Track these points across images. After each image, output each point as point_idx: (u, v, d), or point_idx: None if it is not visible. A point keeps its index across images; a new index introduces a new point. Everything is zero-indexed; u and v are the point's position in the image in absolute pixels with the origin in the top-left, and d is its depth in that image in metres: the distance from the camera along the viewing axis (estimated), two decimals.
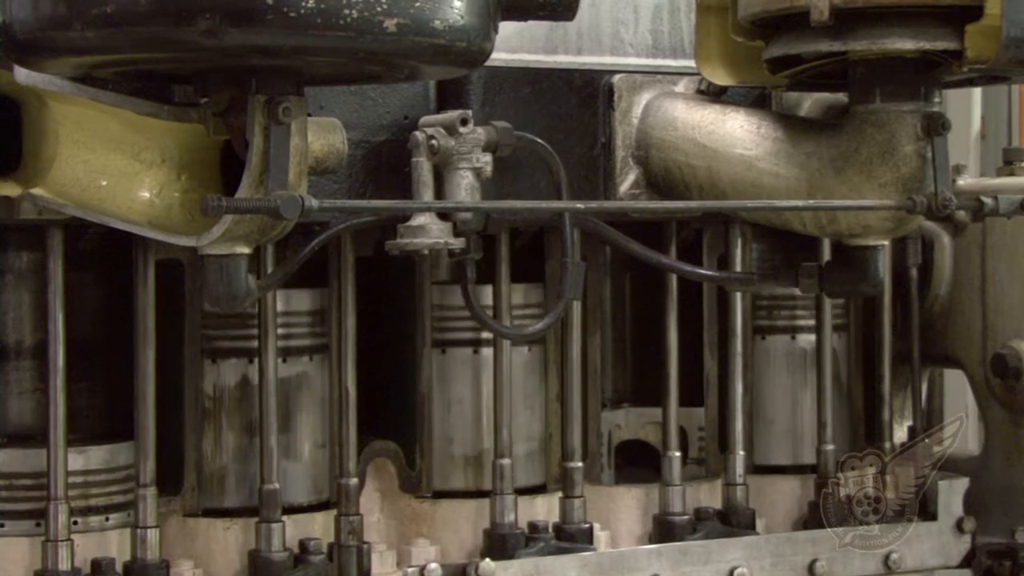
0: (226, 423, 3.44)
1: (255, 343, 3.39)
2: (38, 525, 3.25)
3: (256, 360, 3.40)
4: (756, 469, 3.91)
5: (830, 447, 3.88)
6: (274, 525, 3.34)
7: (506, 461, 3.53)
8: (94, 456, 3.31)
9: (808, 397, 3.93)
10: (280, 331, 3.39)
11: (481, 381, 3.61)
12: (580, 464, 3.63)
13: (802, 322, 3.93)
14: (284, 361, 3.42)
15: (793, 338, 3.95)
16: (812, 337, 3.92)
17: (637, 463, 3.91)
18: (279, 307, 3.37)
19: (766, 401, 3.95)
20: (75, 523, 3.26)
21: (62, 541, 3.21)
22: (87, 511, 3.31)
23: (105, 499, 3.33)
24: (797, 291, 3.73)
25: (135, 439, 3.32)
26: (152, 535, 3.29)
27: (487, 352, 3.58)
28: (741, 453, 3.80)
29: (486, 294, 3.53)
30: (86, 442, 3.32)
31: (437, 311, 3.59)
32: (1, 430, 3.35)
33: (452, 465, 3.61)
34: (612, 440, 3.88)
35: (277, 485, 3.36)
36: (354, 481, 3.45)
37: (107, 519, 3.33)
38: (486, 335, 3.56)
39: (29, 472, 3.27)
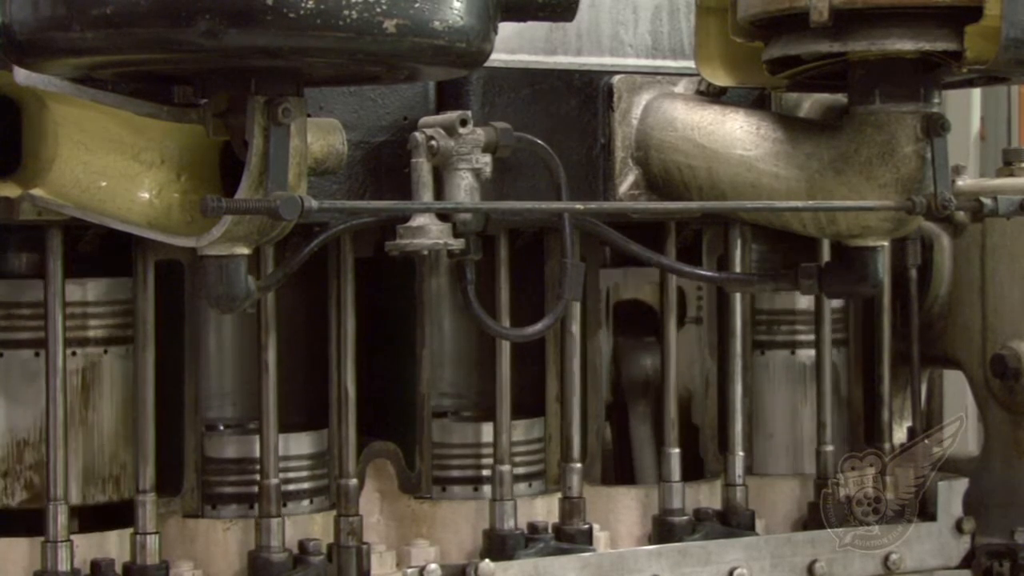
0: None
1: None
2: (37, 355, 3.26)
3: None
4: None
5: (829, 448, 3.89)
6: (274, 526, 3.34)
7: (505, 467, 3.53)
8: (92, 289, 3.31)
9: (808, 411, 3.93)
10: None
11: None
12: (580, 465, 3.63)
13: (802, 337, 3.93)
14: None
15: (793, 353, 3.95)
16: (812, 352, 3.91)
17: (635, 323, 3.89)
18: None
19: (766, 415, 3.95)
20: (73, 353, 3.26)
21: (61, 542, 3.21)
22: (85, 342, 3.30)
23: (104, 332, 3.33)
24: (798, 295, 3.73)
25: (134, 445, 3.32)
26: (152, 541, 3.29)
27: None
28: (740, 454, 3.79)
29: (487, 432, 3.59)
30: (85, 275, 3.32)
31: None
32: None
33: None
34: (611, 298, 3.86)
35: (277, 479, 3.36)
36: (354, 482, 3.45)
37: (105, 352, 3.32)
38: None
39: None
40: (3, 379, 3.29)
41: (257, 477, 3.38)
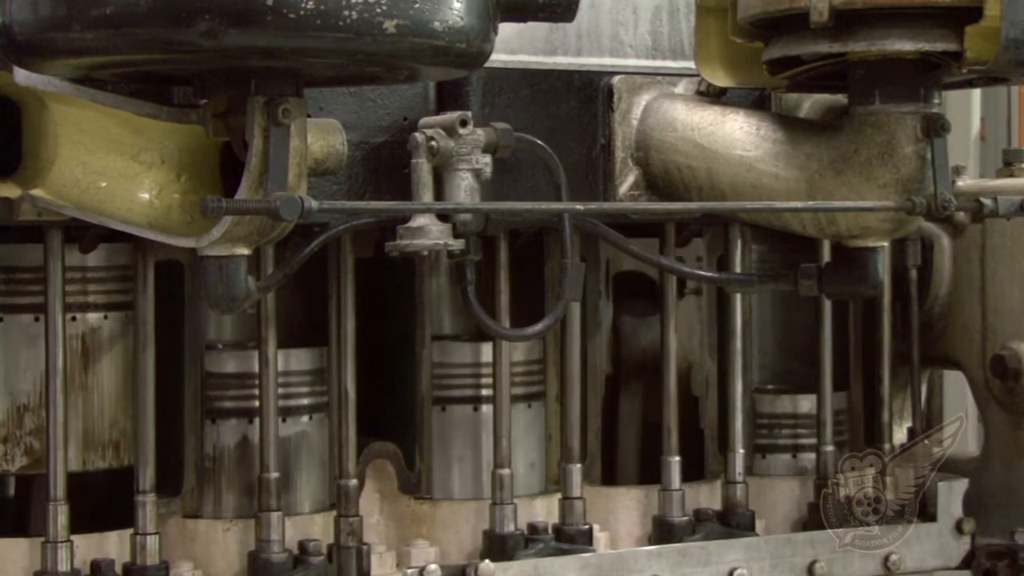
0: None
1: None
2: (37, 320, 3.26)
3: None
4: None
5: (829, 448, 3.89)
6: (274, 526, 3.34)
7: (506, 471, 3.53)
8: (92, 255, 3.31)
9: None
10: None
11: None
12: (579, 465, 3.63)
13: (804, 440, 3.93)
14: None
15: (795, 456, 3.95)
16: (812, 455, 3.91)
17: (634, 295, 3.88)
18: None
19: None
20: (72, 319, 3.27)
21: (61, 543, 3.21)
22: (85, 307, 3.31)
23: (104, 297, 3.33)
24: (800, 399, 3.81)
25: (135, 447, 3.32)
26: (152, 541, 3.29)
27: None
28: (740, 451, 3.79)
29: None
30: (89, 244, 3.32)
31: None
32: None
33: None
34: (610, 270, 3.86)
35: (276, 474, 3.36)
36: (354, 482, 3.45)
37: (105, 317, 3.33)
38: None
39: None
40: (3, 343, 3.29)
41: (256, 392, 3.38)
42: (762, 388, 3.98)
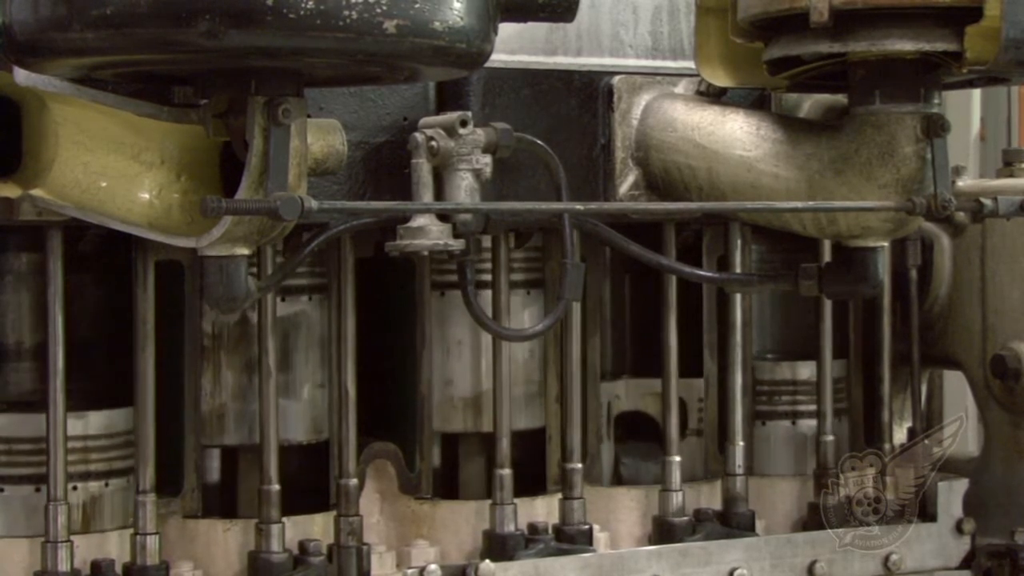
0: None
1: None
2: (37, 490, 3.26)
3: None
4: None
5: (829, 438, 3.89)
6: (274, 526, 3.34)
7: (506, 471, 3.53)
8: (93, 421, 3.31)
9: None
10: None
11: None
12: (579, 465, 3.63)
13: (803, 407, 3.93)
14: (283, 300, 3.44)
15: (794, 423, 3.95)
16: (813, 423, 3.92)
17: (636, 435, 3.89)
18: None
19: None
20: (74, 488, 3.26)
21: (61, 542, 3.21)
22: (87, 476, 3.31)
23: (105, 464, 3.33)
24: (798, 366, 3.80)
25: (135, 447, 3.33)
26: (152, 541, 3.29)
27: None
28: (740, 443, 3.79)
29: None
30: (86, 408, 3.33)
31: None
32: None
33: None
34: (612, 411, 3.87)
35: (277, 486, 3.36)
36: (354, 482, 3.45)
37: (106, 484, 3.33)
38: None
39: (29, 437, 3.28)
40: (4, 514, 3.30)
41: None
42: (762, 356, 3.98)
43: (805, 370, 3.93)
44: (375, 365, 3.59)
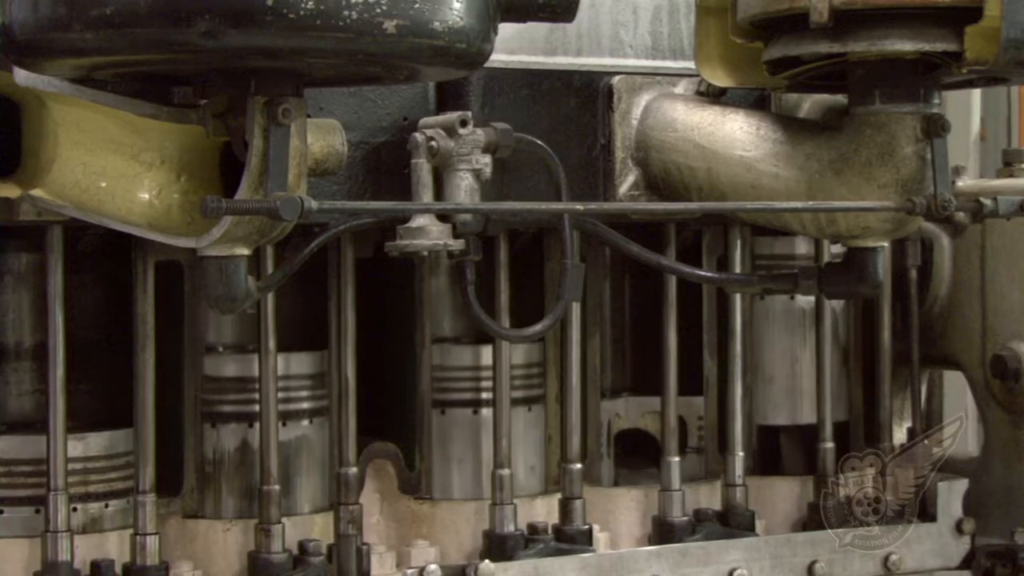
0: None
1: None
2: (37, 511, 3.26)
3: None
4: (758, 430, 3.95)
5: (829, 444, 3.89)
6: (273, 527, 3.35)
7: (505, 472, 3.53)
8: (93, 443, 3.31)
9: (807, 357, 3.92)
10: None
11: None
12: (579, 465, 3.63)
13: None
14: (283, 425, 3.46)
15: (792, 298, 3.94)
16: (811, 298, 3.91)
17: (637, 453, 3.90)
18: None
19: (765, 360, 3.95)
20: (74, 509, 3.26)
21: (61, 532, 3.22)
22: (87, 497, 3.31)
23: (105, 486, 3.33)
24: (798, 239, 3.80)
25: (135, 447, 3.32)
26: (152, 541, 3.29)
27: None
28: (740, 454, 3.80)
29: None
30: (84, 429, 3.33)
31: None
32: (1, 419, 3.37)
33: None
34: (612, 430, 3.87)
35: (277, 486, 3.36)
36: (353, 471, 3.45)
37: (106, 506, 3.33)
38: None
39: (29, 459, 3.28)
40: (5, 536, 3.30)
41: (256, 396, 3.38)
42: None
43: (803, 245, 3.92)
44: (375, 365, 3.59)
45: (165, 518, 3.39)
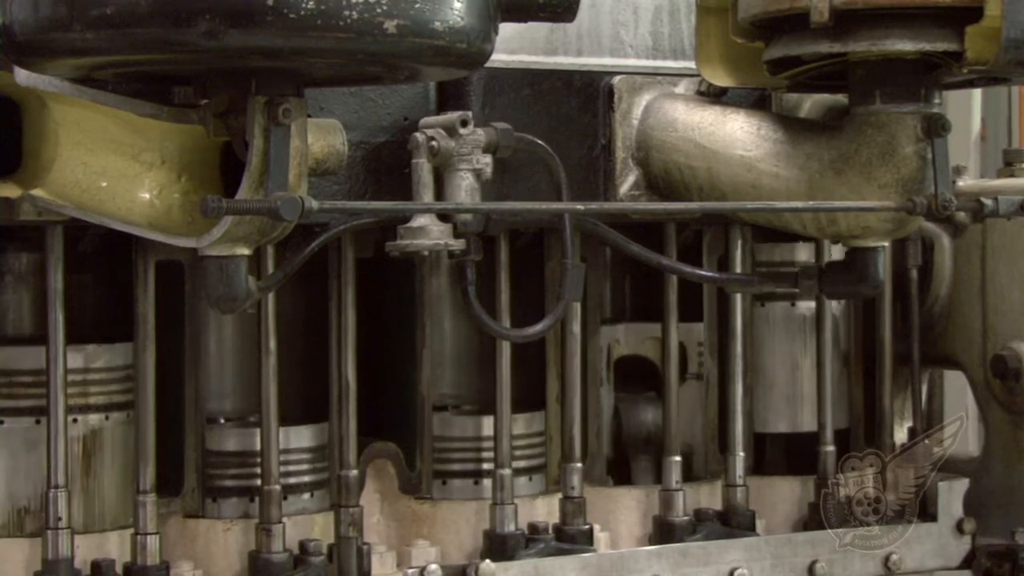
0: None
1: None
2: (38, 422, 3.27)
3: None
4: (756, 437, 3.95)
5: (829, 448, 3.89)
6: (274, 527, 3.35)
7: (506, 471, 3.53)
8: (93, 355, 3.32)
9: (808, 363, 3.93)
10: None
11: None
12: (580, 465, 3.63)
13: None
14: None
15: (793, 304, 3.95)
16: (812, 304, 3.91)
17: (636, 379, 3.89)
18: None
19: (766, 367, 3.96)
20: (74, 420, 3.26)
21: (62, 529, 3.21)
22: (86, 409, 3.31)
23: (105, 398, 3.33)
24: (798, 246, 3.81)
25: (135, 447, 3.32)
26: (152, 541, 3.29)
27: None
28: (740, 454, 3.79)
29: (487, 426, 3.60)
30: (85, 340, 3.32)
31: None
32: None
33: None
34: (611, 356, 3.87)
35: (278, 486, 3.36)
36: (354, 473, 3.45)
37: (106, 417, 3.33)
38: None
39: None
40: (4, 446, 3.29)
41: (258, 471, 3.38)
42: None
43: (804, 251, 3.92)
44: (375, 365, 3.59)
45: (165, 518, 3.39)
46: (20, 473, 3.29)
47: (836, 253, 3.84)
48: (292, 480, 3.45)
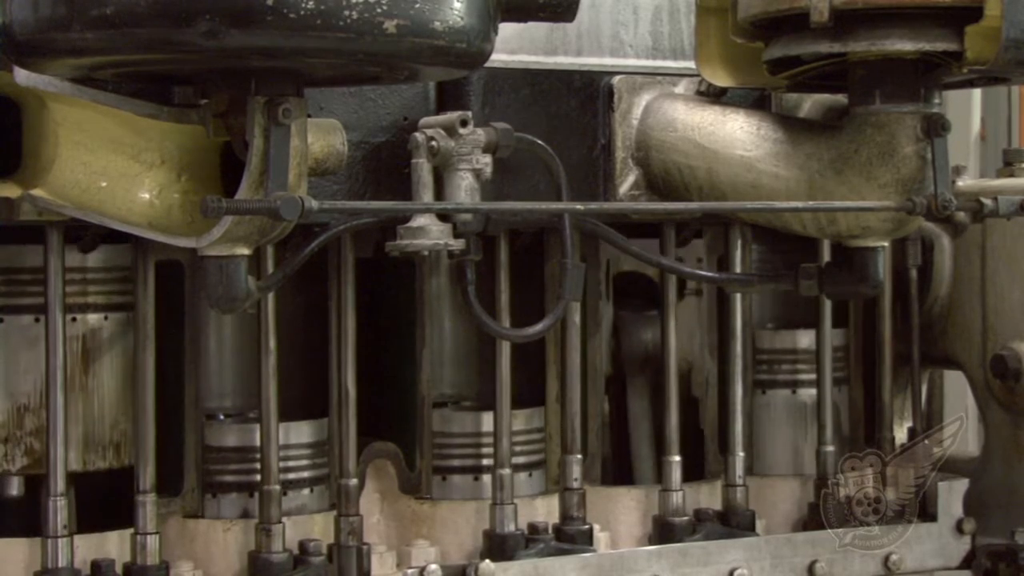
0: None
1: None
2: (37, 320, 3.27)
3: None
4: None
5: (829, 448, 3.89)
6: (274, 526, 3.35)
7: (506, 471, 3.53)
8: (92, 256, 3.32)
9: (809, 449, 3.92)
10: None
11: None
12: (580, 456, 3.63)
13: (803, 376, 3.93)
14: None
15: (794, 392, 3.95)
16: (813, 391, 3.92)
17: (633, 295, 3.88)
18: None
19: (767, 453, 3.96)
20: (73, 319, 3.26)
21: (61, 536, 3.21)
22: (85, 308, 3.31)
23: (104, 298, 3.33)
24: (799, 334, 3.82)
25: (135, 446, 3.32)
26: (152, 541, 3.29)
27: None
28: (740, 454, 3.79)
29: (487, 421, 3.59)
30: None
31: None
32: None
33: None
34: (610, 271, 3.86)
35: (278, 486, 3.36)
36: (354, 482, 3.45)
37: (105, 318, 3.33)
38: None
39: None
40: (3, 345, 3.29)
41: (257, 466, 3.37)
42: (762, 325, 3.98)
43: (805, 339, 3.94)
44: (375, 365, 3.59)
45: (165, 518, 3.39)
46: (19, 371, 3.28)
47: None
48: (291, 476, 3.45)
